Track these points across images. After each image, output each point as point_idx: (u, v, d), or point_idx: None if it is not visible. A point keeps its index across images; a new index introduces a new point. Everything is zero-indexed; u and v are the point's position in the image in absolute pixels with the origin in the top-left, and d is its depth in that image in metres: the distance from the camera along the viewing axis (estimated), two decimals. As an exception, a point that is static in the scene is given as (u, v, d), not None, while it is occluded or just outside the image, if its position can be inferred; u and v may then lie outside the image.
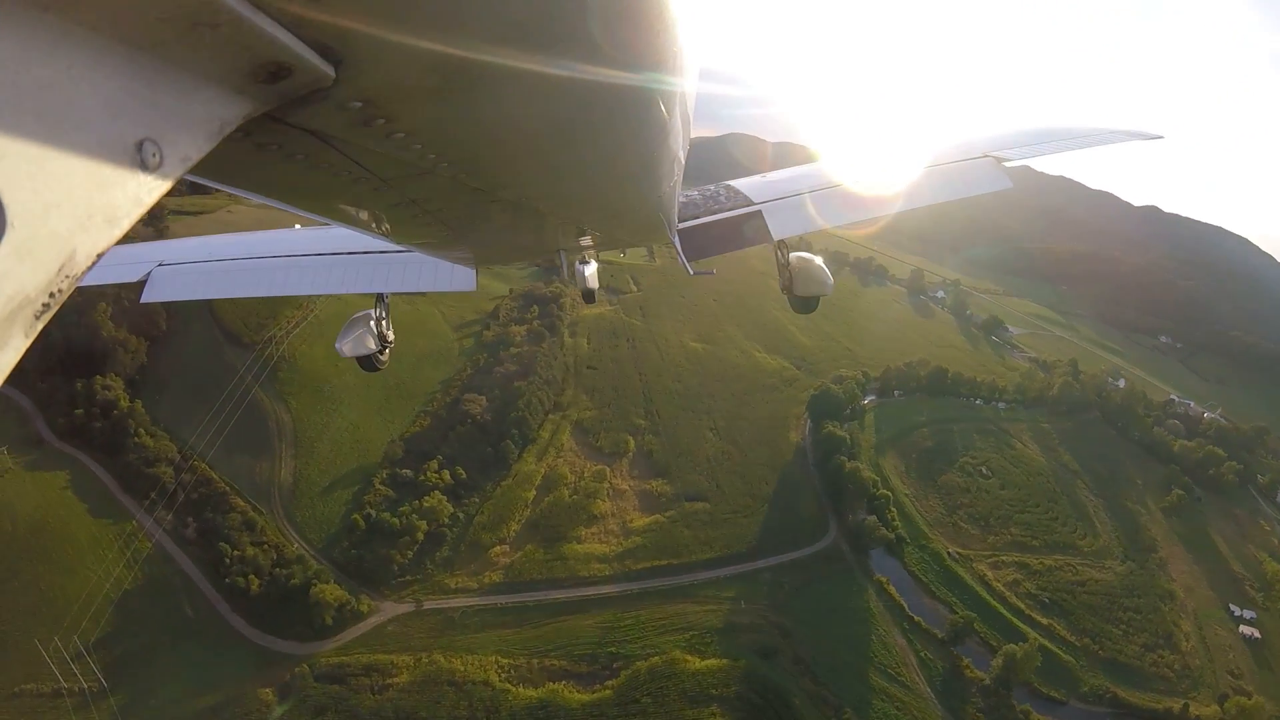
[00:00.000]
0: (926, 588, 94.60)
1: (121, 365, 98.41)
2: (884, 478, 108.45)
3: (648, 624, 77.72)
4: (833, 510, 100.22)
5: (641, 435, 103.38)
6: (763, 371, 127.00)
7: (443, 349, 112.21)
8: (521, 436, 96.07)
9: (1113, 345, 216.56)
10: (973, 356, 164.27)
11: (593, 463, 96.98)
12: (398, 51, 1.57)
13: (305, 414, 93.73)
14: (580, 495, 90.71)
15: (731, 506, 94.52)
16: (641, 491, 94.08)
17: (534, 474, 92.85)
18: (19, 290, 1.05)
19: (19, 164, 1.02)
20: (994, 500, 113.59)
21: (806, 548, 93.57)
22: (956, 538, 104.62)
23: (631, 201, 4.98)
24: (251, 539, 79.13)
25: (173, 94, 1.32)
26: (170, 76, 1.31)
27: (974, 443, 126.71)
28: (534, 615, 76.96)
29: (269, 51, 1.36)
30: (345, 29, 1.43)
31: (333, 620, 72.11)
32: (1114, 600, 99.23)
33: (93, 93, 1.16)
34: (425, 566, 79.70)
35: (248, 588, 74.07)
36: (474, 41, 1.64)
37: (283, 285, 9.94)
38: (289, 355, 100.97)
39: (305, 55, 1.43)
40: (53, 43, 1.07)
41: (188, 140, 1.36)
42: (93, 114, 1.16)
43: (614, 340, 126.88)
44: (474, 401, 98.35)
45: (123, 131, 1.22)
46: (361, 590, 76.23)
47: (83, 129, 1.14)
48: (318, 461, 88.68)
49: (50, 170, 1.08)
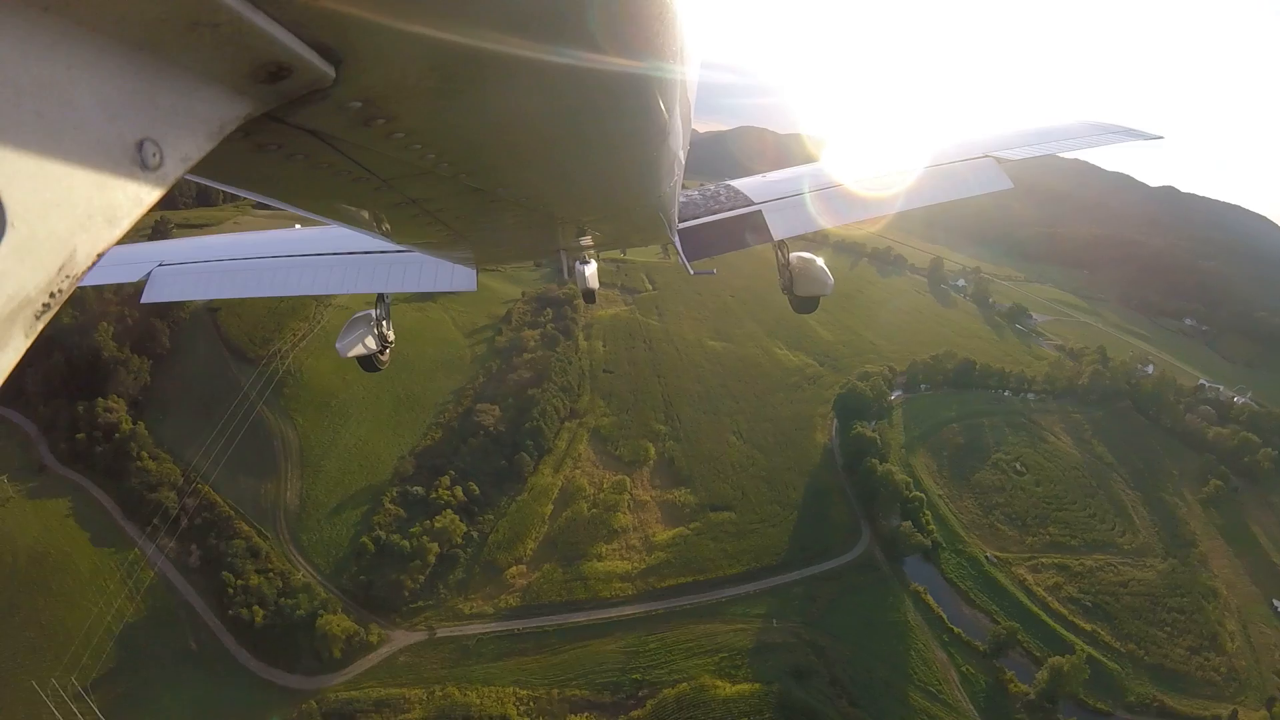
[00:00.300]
0: (965, 595, 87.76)
1: (124, 386, 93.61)
2: (916, 479, 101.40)
3: (674, 647, 71.45)
4: (864, 515, 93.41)
5: (662, 442, 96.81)
6: (785, 369, 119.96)
7: (454, 356, 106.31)
8: (537, 447, 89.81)
9: (1138, 330, 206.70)
10: (998, 346, 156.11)
11: (612, 473, 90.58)
12: (398, 51, 1.56)
13: (312, 431, 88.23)
14: (600, 508, 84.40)
15: (758, 515, 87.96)
16: (664, 502, 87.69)
17: (551, 487, 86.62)
18: (19, 290, 1.03)
19: (19, 164, 1.00)
20: (1030, 498, 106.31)
21: (839, 557, 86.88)
22: (994, 540, 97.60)
23: (632, 201, 4.77)
24: (256, 566, 73.75)
25: (173, 94, 1.30)
26: (170, 76, 1.29)
27: (1006, 437, 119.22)
28: (553, 641, 70.93)
29: (269, 51, 1.34)
30: (345, 29, 1.41)
31: (341, 653, 66.55)
32: (1157, 601, 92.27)
33: (92, 92, 1.14)
34: (438, 590, 73.87)
35: (252, 619, 68.67)
36: (474, 41, 1.63)
37: (283, 285, 9.61)
38: (295, 369, 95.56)
39: (305, 55, 1.41)
40: (52, 42, 1.05)
41: (188, 140, 1.34)
42: (93, 114, 1.14)
43: (630, 342, 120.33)
44: (487, 412, 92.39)
45: (123, 131, 1.21)
46: (371, 618, 70.56)
47: (83, 129, 1.12)
48: (325, 481, 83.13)
49: (50, 170, 1.06)
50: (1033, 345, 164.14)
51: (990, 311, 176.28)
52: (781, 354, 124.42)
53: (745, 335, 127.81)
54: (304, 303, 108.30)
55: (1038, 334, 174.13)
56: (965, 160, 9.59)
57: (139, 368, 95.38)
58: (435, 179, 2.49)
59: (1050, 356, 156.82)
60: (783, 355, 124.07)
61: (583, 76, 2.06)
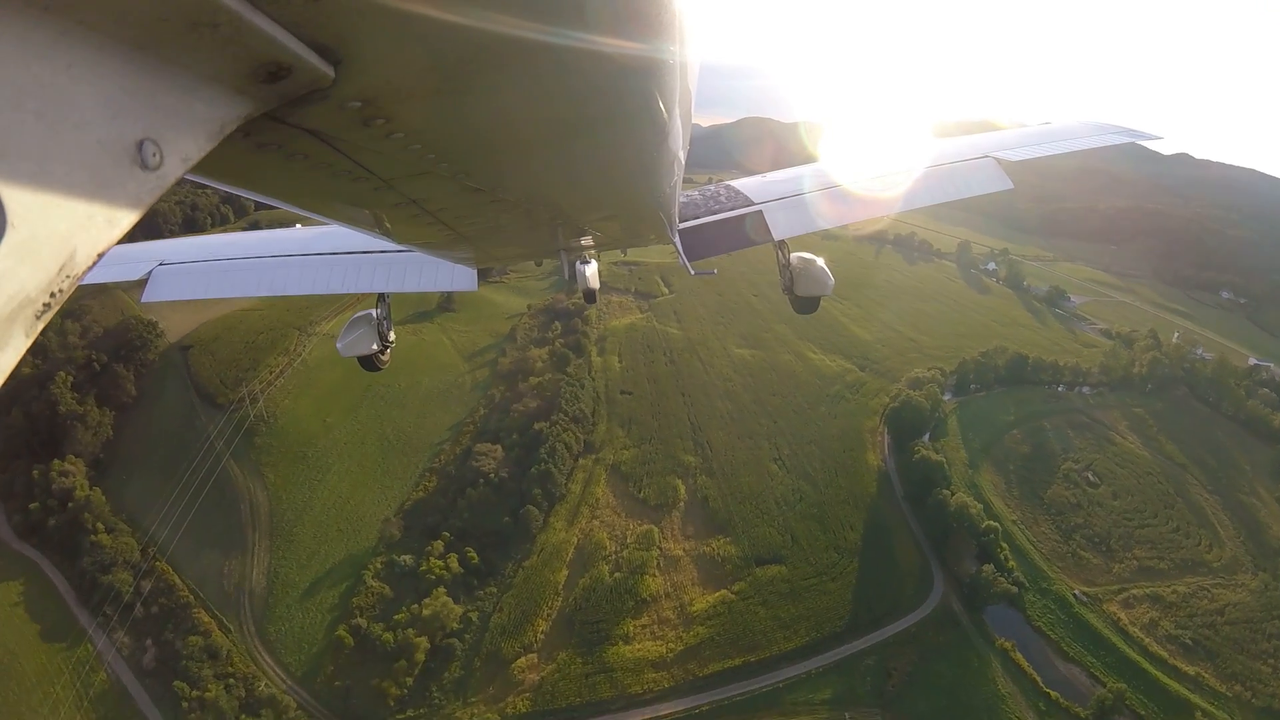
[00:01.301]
0: (1057, 646, 68.30)
1: (82, 444, 76.34)
2: (986, 502, 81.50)
3: (725, 755, 53.07)
4: (934, 554, 73.99)
5: (693, 477, 77.21)
6: (823, 377, 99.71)
7: (453, 385, 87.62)
8: (546, 495, 70.69)
9: (1177, 306, 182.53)
10: (1043, 335, 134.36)
11: (637, 521, 71.16)
12: (397, 51, 1.49)
13: (284, 489, 70.30)
14: (624, 571, 65.25)
15: (813, 566, 68.61)
16: (700, 556, 68.41)
17: (565, 545, 67.51)
18: (20, 290, 0.98)
19: (19, 164, 0.95)
20: (1109, 515, 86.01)
21: (912, 613, 67.45)
22: (1079, 572, 77.70)
23: (632, 201, 4.52)
24: (215, 670, 56.43)
25: (173, 94, 1.24)
26: (170, 76, 1.23)
27: (1071, 442, 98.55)
28: (575, 757, 52.84)
29: (269, 51, 1.28)
30: (344, 29, 1.35)
31: (310, 791, 49.03)
32: (1255, 628, 73.00)
33: (93, 92, 1.08)
34: (430, 694, 55.61)
35: (205, 746, 51.30)
36: (473, 41, 1.56)
37: (283, 285, 8.84)
38: (269, 414, 77.70)
39: (305, 55, 1.34)
40: (52, 42, 1.00)
41: (188, 140, 1.28)
42: (93, 113, 1.08)
43: (649, 355, 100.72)
44: (488, 454, 73.75)
45: (123, 131, 1.14)
46: (349, 737, 52.88)
47: (83, 128, 1.06)
48: (297, 553, 65.23)
49: (50, 170, 1.01)
50: (1077, 331, 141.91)
51: (1028, 296, 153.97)
52: (817, 359, 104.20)
53: (775, 339, 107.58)
54: (284, 333, 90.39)
55: (1078, 317, 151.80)
56: (966, 160, 9.12)
57: (99, 422, 78.11)
58: (435, 179, 2.37)
59: (1099, 343, 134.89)
60: (819, 360, 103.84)
61: (582, 77, 1.97)
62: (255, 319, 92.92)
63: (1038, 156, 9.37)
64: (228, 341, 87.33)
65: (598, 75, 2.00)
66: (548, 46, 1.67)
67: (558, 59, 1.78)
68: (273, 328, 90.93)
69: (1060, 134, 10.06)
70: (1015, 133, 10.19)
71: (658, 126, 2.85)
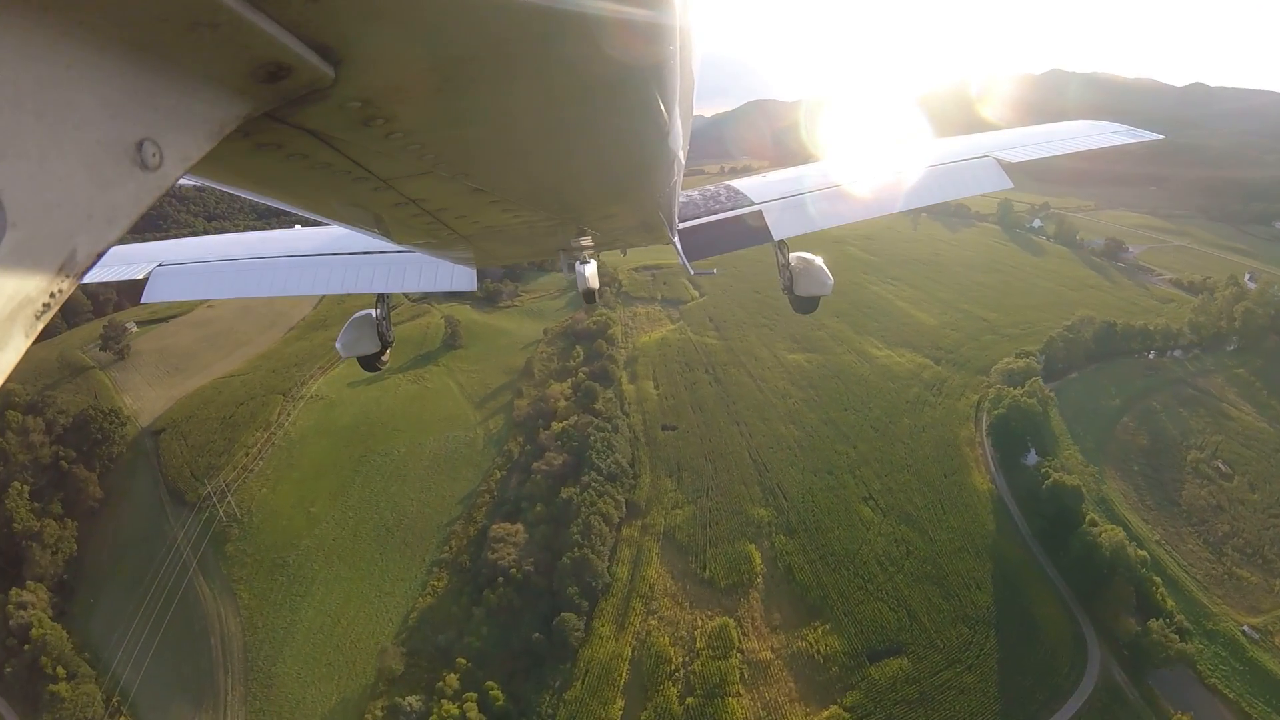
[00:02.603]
0: (1238, 709, 45.95)
1: (42, 566, 58.16)
2: (1122, 521, 58.80)
3: None
4: (1081, 606, 51.69)
5: (768, 537, 55.17)
6: (895, 378, 76.73)
7: (463, 444, 66.83)
8: (585, 591, 49.49)
9: (1234, 244, 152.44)
10: (1115, 295, 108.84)
11: (705, 612, 49.55)
12: (397, 52, 1.39)
13: (260, 613, 50.68)
14: (699, 693, 43.80)
15: (942, 652, 46.67)
16: (794, 656, 46.69)
17: (616, 663, 46.12)
18: (19, 290, 0.92)
19: (19, 163, 0.89)
20: (1254, 514, 62.99)
21: (1071, 697, 45.64)
22: (1239, 597, 55.12)
23: (632, 201, 4.18)
24: None
25: (173, 94, 1.16)
26: (170, 76, 1.15)
27: (1186, 423, 74.78)
28: None
29: (269, 51, 1.20)
30: (345, 29, 1.26)
31: None
32: None
33: (92, 92, 1.01)
34: None
35: None
36: (473, 41, 1.47)
37: (283, 285, 8.04)
38: (242, 512, 58.14)
39: (305, 55, 1.26)
40: (53, 42, 0.93)
41: (188, 140, 1.20)
42: (92, 113, 1.01)
43: (689, 375, 78.90)
44: (507, 539, 53.13)
45: (123, 131, 1.07)
46: None
47: (82, 128, 1.00)
48: (277, 702, 45.58)
49: (50, 170, 0.94)
50: (1150, 286, 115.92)
51: (1084, 252, 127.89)
52: (883, 356, 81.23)
53: (830, 337, 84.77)
54: (266, 400, 70.93)
55: (1143, 269, 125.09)
56: (966, 160, 8.36)
57: (59, 537, 59.75)
58: (435, 179, 2.21)
59: (1176, 296, 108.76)
60: (885, 358, 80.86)
61: (582, 77, 1.84)
62: (236, 386, 73.87)
63: (1038, 157, 8.47)
64: (202, 420, 68.20)
65: (597, 75, 1.85)
66: (547, 47, 1.60)
67: (558, 60, 1.68)
68: (254, 395, 71.57)
69: (1060, 134, 9.10)
70: (1016, 132, 9.34)
71: (657, 126, 2.59)
